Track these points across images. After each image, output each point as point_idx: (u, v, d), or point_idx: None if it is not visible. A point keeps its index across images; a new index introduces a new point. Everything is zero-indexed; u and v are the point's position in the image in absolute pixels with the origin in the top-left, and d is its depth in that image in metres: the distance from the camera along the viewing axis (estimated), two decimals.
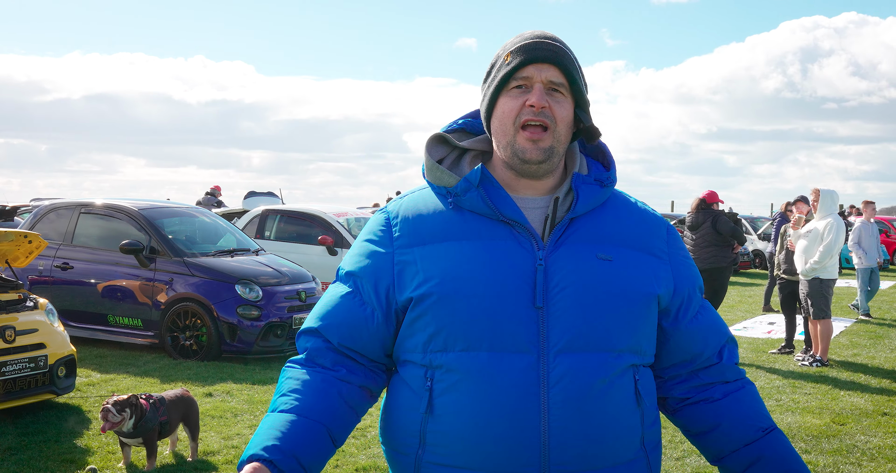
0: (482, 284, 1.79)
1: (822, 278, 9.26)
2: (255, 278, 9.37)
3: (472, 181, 1.84)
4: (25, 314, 6.67)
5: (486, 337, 1.78)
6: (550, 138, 1.83)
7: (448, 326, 1.80)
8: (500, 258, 1.81)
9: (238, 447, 5.85)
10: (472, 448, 1.78)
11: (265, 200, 16.20)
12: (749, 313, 14.37)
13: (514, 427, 1.76)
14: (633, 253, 1.89)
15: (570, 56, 1.87)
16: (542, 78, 1.83)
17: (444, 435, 1.81)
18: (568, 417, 1.77)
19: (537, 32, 1.88)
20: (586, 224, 1.88)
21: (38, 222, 10.24)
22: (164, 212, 10.31)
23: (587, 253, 1.84)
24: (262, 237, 13.06)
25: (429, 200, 1.92)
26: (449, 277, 1.81)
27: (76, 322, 9.61)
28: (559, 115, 1.83)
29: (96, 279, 9.66)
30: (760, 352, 10.28)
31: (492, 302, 1.78)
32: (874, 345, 10.97)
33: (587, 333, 1.79)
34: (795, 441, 6.23)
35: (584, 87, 1.89)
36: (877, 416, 7.08)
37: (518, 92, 1.84)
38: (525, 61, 1.82)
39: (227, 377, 8.12)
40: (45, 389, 6.58)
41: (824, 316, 9.30)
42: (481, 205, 1.84)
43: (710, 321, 2.00)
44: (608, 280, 1.82)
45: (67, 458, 5.56)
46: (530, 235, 1.83)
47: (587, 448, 1.79)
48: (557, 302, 1.79)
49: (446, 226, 1.86)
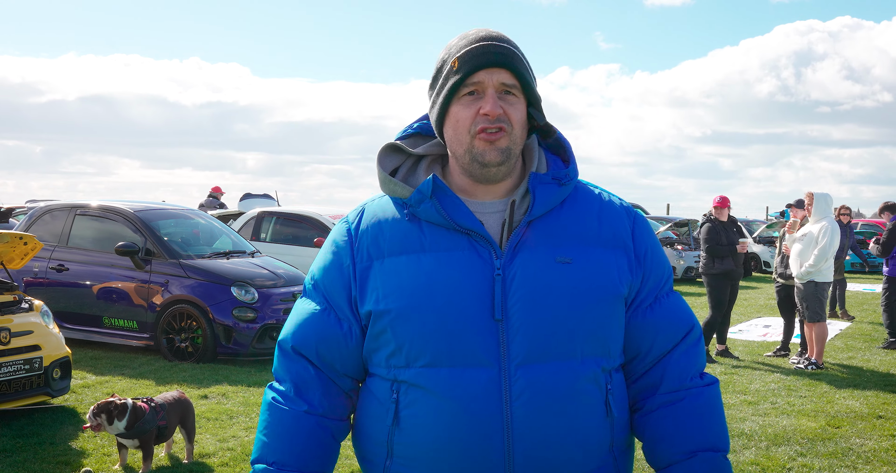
0: (440, 298, 1.75)
1: (817, 281, 9.27)
2: (251, 281, 9.36)
3: (425, 192, 1.79)
4: (20, 315, 6.66)
5: (445, 353, 1.75)
6: (507, 140, 1.78)
7: (408, 342, 1.77)
8: (457, 271, 1.76)
9: (233, 449, 5.84)
10: (438, 461, 1.78)
11: (261, 202, 16.19)
12: (744, 316, 14.39)
13: (477, 442, 1.74)
14: (595, 251, 1.83)
15: (520, 55, 1.81)
16: (495, 82, 1.77)
17: (410, 447, 1.80)
18: (532, 430, 1.74)
19: (482, 33, 1.81)
20: (545, 226, 1.82)
21: (34, 223, 10.22)
22: (160, 214, 10.30)
23: (546, 258, 1.78)
24: (257, 239, 13.06)
25: (388, 209, 1.88)
26: (406, 293, 1.77)
27: (71, 324, 9.59)
28: (514, 117, 1.78)
29: (91, 281, 9.64)
30: (756, 355, 10.29)
31: (450, 317, 1.74)
32: (869, 348, 10.99)
33: (547, 342, 1.75)
34: (791, 444, 6.24)
35: (534, 85, 1.83)
36: (872, 419, 7.09)
37: (470, 99, 1.78)
38: (476, 67, 1.76)
39: (222, 380, 8.11)
40: (40, 391, 6.56)
41: (819, 319, 9.31)
42: (436, 216, 1.79)
43: (666, 314, 1.90)
44: (568, 285, 1.77)
45: (63, 460, 5.55)
46: (488, 243, 1.78)
47: (552, 459, 1.76)
48: (516, 313, 1.74)
49: (404, 238, 1.82)
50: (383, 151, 1.91)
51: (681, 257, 21.19)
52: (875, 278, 24.08)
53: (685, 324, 1.93)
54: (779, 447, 6.19)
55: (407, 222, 1.83)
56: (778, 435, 6.48)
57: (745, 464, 5.74)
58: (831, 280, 9.38)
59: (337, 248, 1.89)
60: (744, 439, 6.38)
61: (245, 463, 5.55)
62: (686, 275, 21.06)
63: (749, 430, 6.61)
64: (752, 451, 6.06)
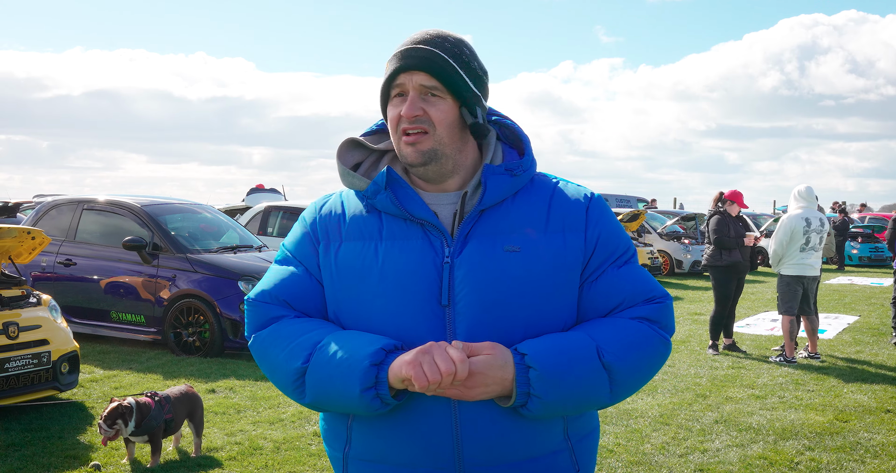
0: (390, 284, 1.82)
1: (783, 273, 9.41)
2: (258, 275, 9.36)
3: (380, 184, 1.87)
4: (28, 310, 6.68)
5: (393, 335, 1.81)
6: (430, 141, 1.84)
7: (356, 324, 1.86)
8: (409, 258, 1.83)
9: (241, 443, 5.85)
10: (391, 446, 1.85)
11: (268, 196, 16.20)
12: (751, 310, 14.36)
13: (426, 427, 1.81)
14: (546, 237, 1.86)
15: (442, 57, 1.84)
16: (414, 84, 1.84)
17: (364, 433, 1.88)
18: (476, 415, 1.80)
19: (417, 36, 1.88)
20: (496, 216, 1.87)
21: (41, 218, 10.24)
22: (167, 208, 10.31)
23: (494, 246, 1.84)
24: (264, 234, 13.07)
25: (352, 198, 1.98)
26: (358, 277, 1.86)
27: (79, 319, 9.62)
28: (436, 117, 1.84)
29: (99, 276, 9.66)
30: (763, 349, 10.28)
31: (399, 302, 1.82)
32: (877, 342, 10.96)
33: (490, 329, 1.80)
34: (798, 438, 6.23)
35: (466, 83, 1.86)
36: (880, 413, 7.08)
37: (399, 100, 1.86)
38: (398, 70, 1.85)
39: (229, 374, 8.12)
40: (49, 385, 6.58)
41: (787, 312, 9.37)
42: (391, 206, 1.86)
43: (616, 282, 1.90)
44: (514, 274, 1.82)
45: (71, 454, 5.57)
46: (440, 233, 1.85)
47: (499, 444, 1.81)
48: (461, 300, 1.80)
49: (363, 226, 1.91)
50: (344, 147, 1.99)
51: (687, 250, 21.15)
52: (883, 272, 24.01)
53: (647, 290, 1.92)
54: (787, 441, 6.18)
55: (366, 212, 1.92)
56: (786, 429, 6.46)
57: (753, 458, 5.73)
58: (804, 274, 9.33)
59: (305, 223, 2.00)
60: (752, 433, 6.37)
61: (252, 457, 5.56)
62: (693, 269, 21.03)
63: (757, 424, 6.60)
64: (759, 445, 6.05)
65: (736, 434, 6.34)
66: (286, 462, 5.48)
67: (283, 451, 5.71)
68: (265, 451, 5.71)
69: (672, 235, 21.76)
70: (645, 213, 19.50)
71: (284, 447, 5.81)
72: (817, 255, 9.37)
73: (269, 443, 5.88)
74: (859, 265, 26.25)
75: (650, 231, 21.36)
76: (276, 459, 5.54)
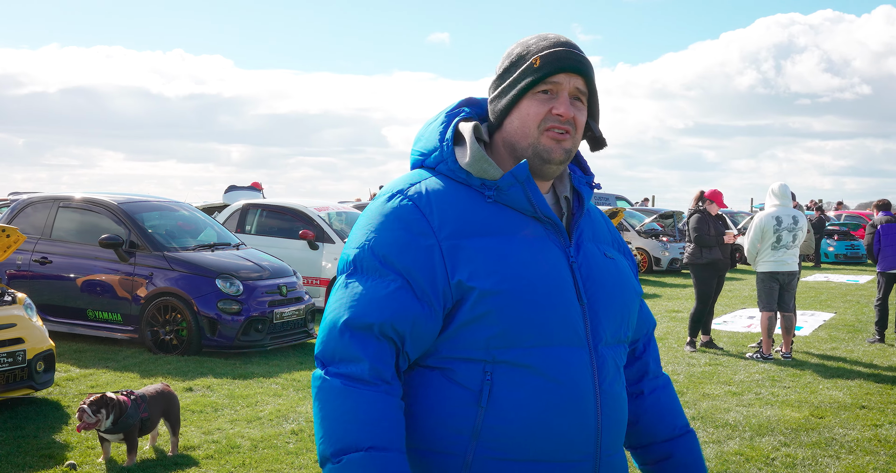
0: (540, 280, 1.80)
1: (758, 270, 9.56)
2: (236, 273, 9.32)
3: (519, 177, 1.82)
4: (3, 308, 6.61)
5: (548, 333, 1.79)
6: (571, 142, 1.87)
7: (516, 323, 1.76)
8: (545, 255, 1.83)
9: (218, 441, 5.83)
10: (533, 440, 1.78)
11: (246, 194, 16.11)
12: (729, 307, 14.47)
13: (576, 418, 1.81)
14: (616, 252, 2.02)
15: (593, 68, 1.91)
16: (571, 86, 1.85)
17: (502, 430, 1.77)
18: (610, 407, 1.87)
19: (562, 39, 1.89)
20: (586, 223, 1.97)
21: (16, 216, 10.14)
22: (144, 206, 10.24)
23: (598, 252, 1.94)
24: (242, 232, 13.00)
25: (451, 191, 1.84)
26: (509, 274, 1.77)
27: (55, 317, 9.53)
28: (579, 122, 1.87)
29: (75, 274, 9.59)
30: (740, 346, 10.35)
31: (551, 299, 1.80)
32: (853, 339, 11.07)
33: (616, 327, 1.91)
34: (775, 434, 6.28)
35: (597, 97, 1.95)
36: (855, 409, 7.15)
37: (545, 97, 1.84)
38: (557, 69, 1.84)
39: (207, 372, 8.09)
40: (24, 384, 6.53)
41: (765, 309, 9.49)
42: (522, 201, 1.83)
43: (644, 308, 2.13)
44: (617, 278, 1.94)
45: (46, 453, 5.52)
46: (559, 233, 1.88)
47: (618, 433, 1.91)
48: (593, 297, 1.87)
49: (487, 220, 1.82)
50: (471, 131, 1.88)
51: (665, 248, 21.28)
52: (859, 270, 24.24)
53: (652, 316, 2.18)
54: (763, 437, 6.22)
55: (484, 203, 1.84)
56: (762, 425, 6.51)
57: (730, 454, 5.77)
58: (776, 270, 9.41)
59: (408, 224, 1.80)
60: (728, 429, 6.41)
61: (229, 456, 5.54)
62: (671, 266, 21.14)
63: (733, 420, 6.65)
64: (735, 441, 6.09)
65: (713, 430, 6.38)
66: (263, 461, 5.46)
67: (260, 449, 5.70)
68: (242, 449, 5.69)
69: (650, 232, 21.87)
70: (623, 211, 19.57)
71: (262, 445, 5.79)
72: (792, 252, 9.43)
73: (247, 442, 5.85)
74: (835, 263, 26.49)
75: (628, 229, 21.46)
76: (253, 457, 5.52)
